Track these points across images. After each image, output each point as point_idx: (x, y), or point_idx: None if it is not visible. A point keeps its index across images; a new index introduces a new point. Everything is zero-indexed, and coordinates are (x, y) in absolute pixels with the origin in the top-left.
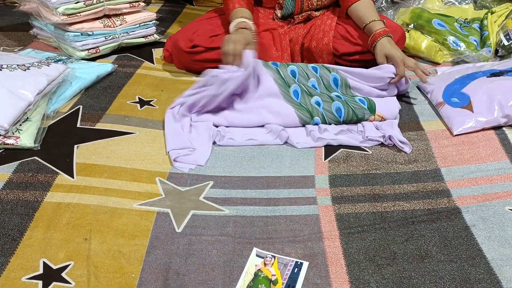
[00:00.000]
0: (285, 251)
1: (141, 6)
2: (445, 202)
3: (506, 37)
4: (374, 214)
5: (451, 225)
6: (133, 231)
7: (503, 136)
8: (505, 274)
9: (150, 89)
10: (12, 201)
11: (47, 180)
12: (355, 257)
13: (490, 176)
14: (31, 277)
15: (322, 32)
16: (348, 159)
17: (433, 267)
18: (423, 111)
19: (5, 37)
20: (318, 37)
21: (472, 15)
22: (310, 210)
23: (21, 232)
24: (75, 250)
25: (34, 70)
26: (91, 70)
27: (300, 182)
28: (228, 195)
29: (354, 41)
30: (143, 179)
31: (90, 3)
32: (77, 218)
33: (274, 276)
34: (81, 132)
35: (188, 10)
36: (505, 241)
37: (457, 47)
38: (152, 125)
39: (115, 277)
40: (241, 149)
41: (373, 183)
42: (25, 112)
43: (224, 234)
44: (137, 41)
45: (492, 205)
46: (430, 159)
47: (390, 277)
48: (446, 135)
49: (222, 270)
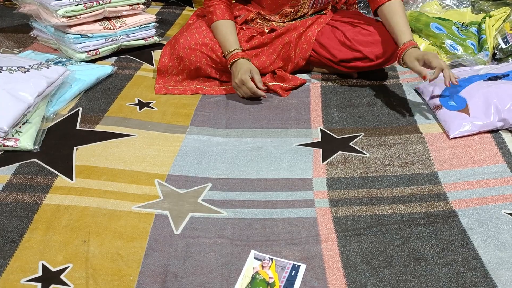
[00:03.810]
0: (283, 253)
1: (140, 8)
2: (442, 205)
3: (504, 41)
4: (371, 217)
5: (448, 228)
6: (132, 233)
7: (499, 139)
8: (501, 278)
9: (149, 91)
10: (11, 203)
11: (46, 182)
12: (352, 260)
13: (487, 180)
14: (30, 279)
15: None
16: (346, 162)
17: (430, 270)
18: (421, 114)
19: (5, 39)
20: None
21: (470, 18)
22: (307, 212)
23: (20, 234)
24: (74, 252)
25: (34, 72)
26: (90, 72)
27: (298, 185)
28: (226, 198)
29: (354, 47)
30: (142, 181)
31: (90, 6)
32: (76, 221)
33: (272, 279)
34: (80, 134)
35: (188, 12)
36: (501, 244)
37: (455, 51)
38: (151, 127)
39: (114, 279)
40: (239, 151)
41: (371, 186)
42: (24, 114)
43: (222, 237)
44: (136, 43)
45: (489, 209)
46: (427, 162)
47: (387, 280)
48: (443, 138)
49: (220, 272)
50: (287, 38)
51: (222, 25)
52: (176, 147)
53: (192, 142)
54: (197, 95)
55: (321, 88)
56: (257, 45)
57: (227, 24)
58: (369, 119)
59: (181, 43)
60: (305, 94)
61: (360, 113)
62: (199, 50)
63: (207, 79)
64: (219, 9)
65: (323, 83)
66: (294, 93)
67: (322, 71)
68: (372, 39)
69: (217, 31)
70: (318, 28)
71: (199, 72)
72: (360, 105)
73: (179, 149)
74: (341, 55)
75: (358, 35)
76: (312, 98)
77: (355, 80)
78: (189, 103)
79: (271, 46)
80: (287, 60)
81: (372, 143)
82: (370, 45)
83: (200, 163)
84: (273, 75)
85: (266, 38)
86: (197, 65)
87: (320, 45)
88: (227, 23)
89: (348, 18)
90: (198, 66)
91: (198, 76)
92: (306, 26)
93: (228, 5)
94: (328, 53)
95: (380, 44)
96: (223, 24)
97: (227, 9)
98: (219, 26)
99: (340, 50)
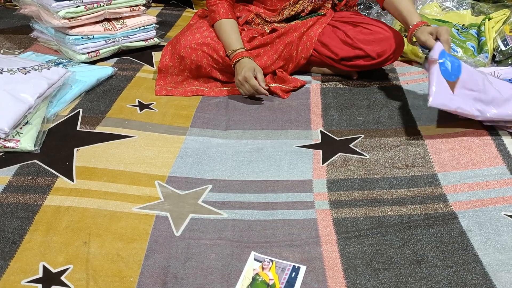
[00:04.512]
0: (283, 255)
1: (141, 10)
2: (442, 207)
3: (504, 43)
4: (371, 219)
5: (448, 230)
6: (132, 234)
7: (499, 141)
8: (501, 280)
9: (150, 92)
10: (12, 205)
11: (47, 183)
12: (352, 261)
13: (487, 182)
14: (30, 280)
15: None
16: (346, 164)
17: (430, 272)
18: (420, 115)
19: (6, 40)
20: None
21: (469, 20)
22: (308, 214)
23: (20, 235)
24: (75, 253)
25: (35, 73)
26: (91, 73)
27: (298, 187)
28: (226, 199)
29: (355, 45)
30: (142, 182)
31: (90, 7)
32: (76, 222)
33: (272, 280)
34: (81, 136)
35: (188, 13)
36: (501, 246)
37: (455, 53)
38: (151, 129)
39: (114, 280)
40: (239, 153)
41: (371, 187)
42: (25, 115)
43: (223, 238)
44: (137, 44)
45: (488, 211)
46: (427, 164)
47: (387, 282)
48: (443, 140)
49: (220, 274)
50: (289, 39)
51: (226, 24)
52: (176, 149)
53: (192, 144)
54: (198, 96)
55: (321, 89)
56: (258, 45)
57: (231, 23)
58: (369, 121)
59: (182, 43)
60: (305, 96)
61: (360, 115)
62: (200, 50)
63: (207, 80)
64: (223, 8)
65: (323, 84)
66: (294, 94)
67: (322, 71)
68: (374, 37)
69: (221, 30)
70: (320, 28)
71: (199, 72)
72: (360, 107)
73: (179, 151)
74: (343, 53)
75: (360, 34)
76: (312, 99)
77: (355, 82)
78: (190, 105)
79: (272, 47)
80: (288, 60)
81: (372, 145)
82: (371, 43)
83: (200, 164)
84: (273, 76)
85: (267, 38)
86: (197, 64)
87: (322, 44)
88: (231, 22)
89: (349, 19)
90: (199, 65)
91: (198, 76)
92: (307, 27)
93: (231, 4)
94: (330, 51)
95: (382, 42)
96: (226, 23)
97: (230, 8)
98: (223, 25)
99: (342, 48)
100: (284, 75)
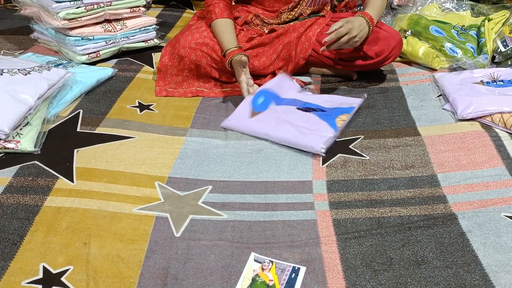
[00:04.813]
0: (283, 256)
1: (141, 11)
2: (441, 208)
3: (503, 44)
4: (371, 220)
5: (447, 231)
6: (132, 235)
7: (499, 142)
8: (500, 280)
9: (150, 93)
10: (12, 205)
11: (47, 184)
12: (352, 262)
13: (486, 183)
14: (30, 281)
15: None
16: (346, 165)
17: (429, 273)
18: (420, 116)
19: (6, 41)
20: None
21: (469, 22)
22: (307, 215)
23: (21, 236)
24: (75, 254)
25: (35, 74)
26: (91, 74)
27: (298, 187)
28: (226, 200)
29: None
30: (143, 183)
31: (91, 8)
32: (76, 223)
33: (272, 281)
34: (81, 136)
35: (188, 14)
36: (501, 247)
37: (454, 54)
38: (151, 130)
39: (114, 281)
40: (239, 154)
41: (370, 188)
42: (25, 116)
43: (222, 239)
44: (137, 45)
45: (488, 212)
46: (427, 165)
47: (387, 283)
48: (442, 141)
49: (220, 274)
50: (287, 39)
51: (220, 24)
52: (176, 150)
53: (192, 145)
54: (198, 97)
55: (320, 90)
56: (257, 45)
57: (225, 22)
58: (369, 122)
59: (181, 43)
60: None
61: (360, 116)
62: (199, 49)
63: (207, 81)
64: (218, 7)
65: (323, 85)
66: None
67: (322, 72)
68: (371, 37)
69: (215, 30)
70: (318, 28)
71: (199, 72)
72: (359, 108)
73: (179, 152)
74: (341, 53)
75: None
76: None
77: (354, 83)
78: (190, 106)
79: (271, 47)
80: (287, 60)
81: (371, 146)
82: (369, 43)
83: (200, 165)
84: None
85: (266, 38)
86: (197, 64)
87: (320, 45)
88: (225, 22)
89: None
90: (198, 65)
91: (198, 76)
92: (305, 27)
93: (227, 4)
94: (328, 51)
95: (379, 42)
96: (221, 23)
97: (226, 8)
98: (217, 25)
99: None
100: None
